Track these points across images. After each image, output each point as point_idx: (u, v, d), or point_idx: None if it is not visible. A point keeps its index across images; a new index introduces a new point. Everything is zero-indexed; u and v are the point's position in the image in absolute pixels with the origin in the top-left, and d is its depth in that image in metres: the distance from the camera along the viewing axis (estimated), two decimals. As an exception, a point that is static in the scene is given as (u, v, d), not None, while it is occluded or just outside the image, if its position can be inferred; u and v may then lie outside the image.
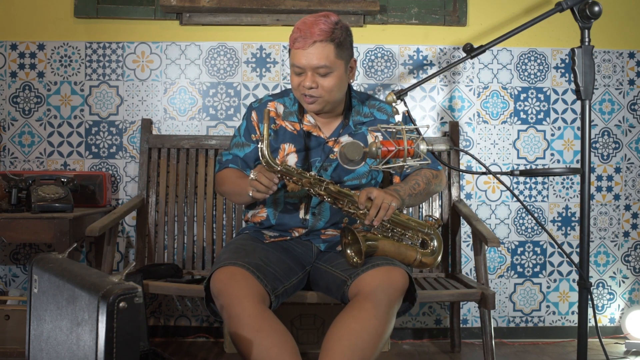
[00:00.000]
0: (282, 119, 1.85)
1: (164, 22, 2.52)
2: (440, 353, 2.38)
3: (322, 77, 1.70)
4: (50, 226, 2.03)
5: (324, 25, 1.67)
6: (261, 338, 1.46)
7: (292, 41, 1.71)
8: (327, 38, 1.67)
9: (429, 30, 2.56)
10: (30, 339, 1.35)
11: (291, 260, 1.75)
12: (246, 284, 1.54)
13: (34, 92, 2.51)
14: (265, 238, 1.84)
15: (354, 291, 1.59)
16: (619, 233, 2.62)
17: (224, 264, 1.61)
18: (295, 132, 1.83)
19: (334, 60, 1.69)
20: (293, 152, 1.81)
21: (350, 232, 1.68)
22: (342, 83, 1.75)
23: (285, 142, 1.82)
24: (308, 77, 1.69)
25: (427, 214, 2.37)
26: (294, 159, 1.81)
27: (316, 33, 1.66)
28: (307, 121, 1.84)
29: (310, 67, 1.68)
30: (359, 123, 1.85)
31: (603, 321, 2.64)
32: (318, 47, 1.66)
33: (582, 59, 1.43)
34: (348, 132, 1.84)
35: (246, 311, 1.49)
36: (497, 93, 2.58)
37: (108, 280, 1.12)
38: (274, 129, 1.84)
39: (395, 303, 1.58)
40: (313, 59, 1.67)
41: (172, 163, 2.44)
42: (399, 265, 1.62)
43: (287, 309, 2.28)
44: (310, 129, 1.83)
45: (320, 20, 1.68)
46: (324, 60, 1.67)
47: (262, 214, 1.86)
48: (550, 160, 2.59)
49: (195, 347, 2.41)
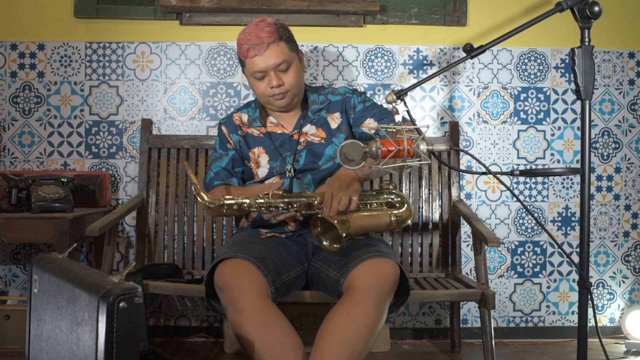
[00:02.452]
0: (248, 127, 1.97)
1: (164, 22, 2.52)
2: (440, 353, 2.38)
3: (284, 73, 1.82)
4: (50, 226, 2.03)
5: (268, 27, 1.80)
6: (265, 333, 1.46)
7: (244, 52, 1.81)
8: (276, 38, 1.80)
9: (429, 30, 2.56)
10: (30, 339, 1.35)
11: (289, 255, 1.78)
12: (250, 277, 1.56)
13: (34, 92, 2.51)
14: (261, 234, 1.89)
15: (347, 286, 1.60)
16: (619, 233, 2.62)
17: (227, 257, 1.63)
18: (262, 135, 1.95)
19: (288, 54, 1.82)
20: (263, 153, 1.93)
21: (317, 220, 1.70)
22: (301, 73, 1.88)
23: (254, 146, 1.94)
24: (272, 77, 1.81)
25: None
26: (266, 159, 1.92)
27: (265, 37, 1.78)
28: (270, 122, 1.96)
29: (271, 67, 1.80)
30: (316, 111, 1.96)
31: (603, 321, 2.64)
32: (273, 47, 1.79)
33: (582, 59, 1.43)
34: (309, 122, 1.95)
35: (251, 305, 1.50)
36: (497, 93, 2.58)
37: (108, 280, 1.12)
38: (242, 135, 1.97)
39: (387, 295, 1.59)
40: (272, 59, 1.79)
41: (172, 163, 2.44)
42: (388, 257, 1.63)
43: (287, 309, 2.27)
44: (273, 128, 1.95)
45: (261, 26, 1.80)
46: (281, 57, 1.80)
47: (253, 214, 1.93)
48: (550, 160, 2.59)
49: (195, 347, 2.41)
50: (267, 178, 1.92)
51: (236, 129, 1.98)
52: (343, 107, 1.97)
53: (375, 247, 1.71)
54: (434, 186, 2.45)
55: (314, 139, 1.93)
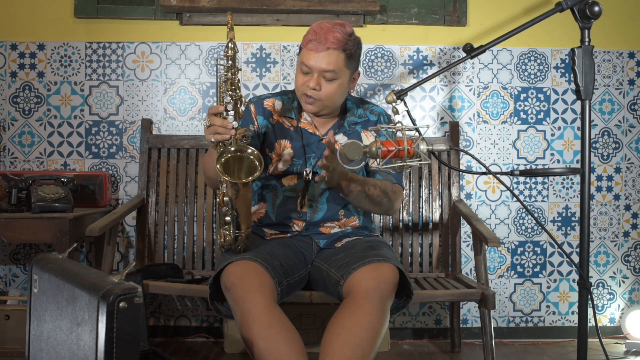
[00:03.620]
0: (280, 115, 1.90)
1: (164, 22, 2.52)
2: (440, 353, 2.38)
3: (327, 82, 1.76)
4: (50, 226, 2.03)
5: (340, 34, 1.74)
6: (272, 334, 1.47)
7: (305, 41, 1.76)
8: (340, 47, 1.73)
9: (429, 30, 2.56)
10: (30, 339, 1.35)
11: (294, 256, 1.77)
12: (258, 278, 1.56)
13: (34, 92, 2.51)
14: (266, 235, 1.87)
15: (347, 290, 1.60)
16: (619, 233, 2.62)
17: (236, 259, 1.62)
18: (292, 128, 1.88)
19: (341, 68, 1.75)
20: (289, 147, 1.86)
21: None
22: (343, 91, 1.81)
23: (281, 137, 1.87)
24: (314, 78, 1.75)
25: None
26: (290, 154, 1.86)
27: (330, 40, 1.72)
28: (304, 118, 1.89)
29: (318, 70, 1.74)
30: (353, 123, 1.91)
31: (603, 321, 2.64)
32: (331, 53, 1.73)
33: (582, 59, 1.44)
34: (342, 132, 1.89)
35: (259, 305, 1.50)
36: (497, 93, 2.58)
37: (108, 280, 1.12)
38: (272, 123, 1.88)
39: (388, 297, 1.59)
40: (323, 62, 1.73)
41: (172, 163, 2.44)
42: (388, 261, 1.63)
43: (287, 309, 2.26)
44: (306, 126, 1.88)
45: (336, 29, 1.74)
46: (332, 66, 1.73)
47: (262, 210, 1.90)
48: (550, 160, 2.59)
49: (195, 347, 2.41)
50: (285, 175, 1.86)
51: (265, 113, 1.88)
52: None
53: (377, 250, 1.71)
54: (434, 186, 2.45)
55: None
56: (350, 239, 1.84)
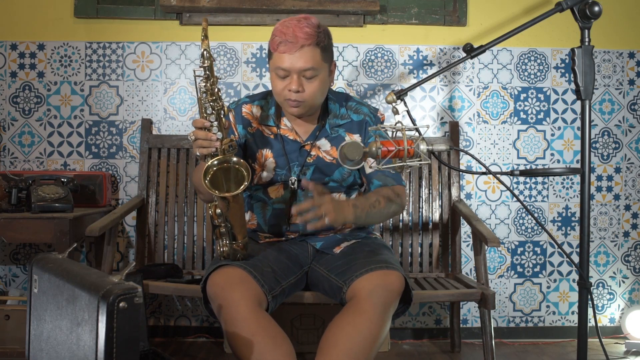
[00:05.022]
0: (259, 123, 1.83)
1: (164, 22, 2.52)
2: (440, 353, 2.38)
3: (308, 81, 1.68)
4: (50, 226, 2.03)
5: (309, 28, 1.65)
6: (255, 342, 1.46)
7: (275, 44, 1.67)
8: (313, 42, 1.65)
9: (429, 30, 2.56)
10: (30, 339, 1.35)
11: (288, 259, 1.75)
12: (242, 287, 1.53)
13: (34, 92, 2.51)
14: (260, 238, 1.85)
15: (351, 294, 1.59)
16: (619, 233, 2.62)
17: (221, 265, 1.60)
18: (272, 136, 1.81)
19: (319, 63, 1.67)
20: (271, 157, 1.80)
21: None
22: (325, 87, 1.74)
23: (262, 147, 1.81)
24: (294, 81, 1.66)
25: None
26: (272, 164, 1.80)
27: (302, 37, 1.63)
28: (284, 125, 1.82)
29: (296, 70, 1.66)
30: (335, 126, 1.83)
31: (603, 321, 2.64)
32: (305, 51, 1.64)
33: (582, 59, 1.43)
34: (325, 135, 1.82)
35: (241, 315, 1.49)
36: (497, 93, 2.58)
37: (108, 280, 1.12)
38: (251, 132, 1.82)
39: (391, 306, 1.57)
40: (300, 62, 1.65)
41: (172, 163, 2.44)
42: (394, 268, 1.61)
43: (287, 309, 2.28)
44: (286, 132, 1.81)
45: (303, 24, 1.66)
46: (310, 63, 1.65)
47: (253, 222, 1.87)
48: (550, 160, 2.59)
49: (195, 347, 2.41)
50: (270, 184, 1.82)
51: (244, 121, 1.82)
52: (363, 128, 1.84)
53: (381, 255, 1.68)
54: (434, 186, 2.45)
55: (326, 157, 1.80)
56: (349, 243, 1.81)
